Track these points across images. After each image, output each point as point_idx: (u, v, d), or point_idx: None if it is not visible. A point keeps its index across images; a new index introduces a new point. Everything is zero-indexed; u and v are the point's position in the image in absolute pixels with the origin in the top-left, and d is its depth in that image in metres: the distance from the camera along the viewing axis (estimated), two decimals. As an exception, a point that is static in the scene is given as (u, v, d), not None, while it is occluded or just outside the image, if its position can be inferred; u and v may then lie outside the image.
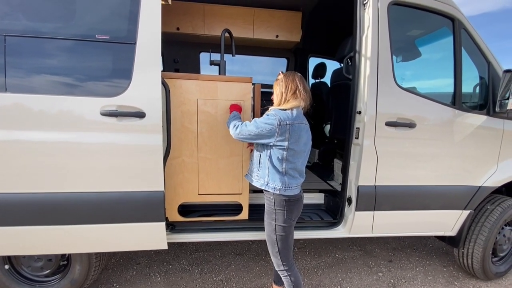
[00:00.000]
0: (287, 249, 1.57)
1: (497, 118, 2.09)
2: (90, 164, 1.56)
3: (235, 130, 1.51)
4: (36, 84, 1.48)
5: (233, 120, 1.59)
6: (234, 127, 1.52)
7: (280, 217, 1.52)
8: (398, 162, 1.95)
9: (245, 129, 1.48)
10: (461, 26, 1.97)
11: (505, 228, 2.28)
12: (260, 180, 1.53)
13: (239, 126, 1.51)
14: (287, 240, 1.55)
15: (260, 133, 1.44)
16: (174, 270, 2.35)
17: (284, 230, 1.53)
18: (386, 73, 1.84)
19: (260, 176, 1.53)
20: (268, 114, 1.47)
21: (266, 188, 1.51)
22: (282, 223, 1.52)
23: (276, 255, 1.57)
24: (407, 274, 2.41)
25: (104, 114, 1.52)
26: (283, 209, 1.51)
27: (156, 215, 1.67)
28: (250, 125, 1.48)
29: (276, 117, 1.42)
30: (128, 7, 1.53)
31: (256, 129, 1.44)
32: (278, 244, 1.54)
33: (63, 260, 1.88)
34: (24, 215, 1.55)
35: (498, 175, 2.14)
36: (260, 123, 1.44)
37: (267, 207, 1.57)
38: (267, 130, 1.42)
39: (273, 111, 1.47)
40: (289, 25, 3.18)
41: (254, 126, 1.46)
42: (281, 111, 1.46)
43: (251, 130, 1.46)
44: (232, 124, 1.55)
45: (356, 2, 1.85)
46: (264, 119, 1.45)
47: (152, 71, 1.55)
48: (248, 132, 1.47)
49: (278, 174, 1.48)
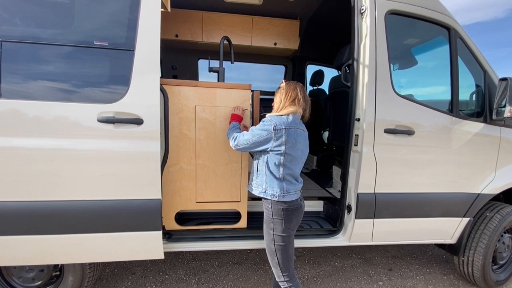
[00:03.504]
0: (287, 259, 1.53)
1: (494, 125, 2.10)
2: (85, 171, 1.52)
3: (234, 142, 1.54)
4: (33, 90, 1.46)
5: (232, 132, 1.60)
6: (233, 139, 1.55)
7: (278, 226, 1.49)
8: (398, 170, 1.95)
9: (242, 138, 1.50)
10: (457, 35, 2.00)
11: (505, 235, 2.28)
12: (259, 188, 1.51)
13: (237, 137, 1.53)
14: (286, 250, 1.51)
15: (257, 141, 1.45)
16: (171, 280, 2.30)
17: (283, 240, 1.49)
18: (384, 80, 1.85)
19: (258, 183, 1.52)
20: (264, 121, 1.48)
21: (264, 195, 1.49)
22: (281, 233, 1.49)
23: (276, 265, 1.53)
24: (407, 283, 2.38)
25: (101, 121, 1.50)
26: (281, 218, 1.48)
27: (152, 224, 1.63)
28: (246, 134, 1.50)
29: (271, 122, 1.43)
30: (128, 13, 1.53)
31: (253, 137, 1.45)
32: (278, 255, 1.51)
33: (55, 270, 1.82)
34: (15, 224, 1.51)
35: (497, 182, 2.14)
36: (256, 131, 1.46)
37: (265, 216, 1.54)
38: (263, 136, 1.43)
39: (269, 117, 1.48)
40: (287, 33, 3.22)
41: (250, 135, 1.47)
42: (277, 117, 1.47)
43: (248, 138, 1.47)
44: (231, 137, 1.57)
45: (354, 11, 1.88)
46: (259, 126, 1.47)
47: (151, 77, 1.54)
48: (246, 141, 1.48)
49: (276, 180, 1.46)
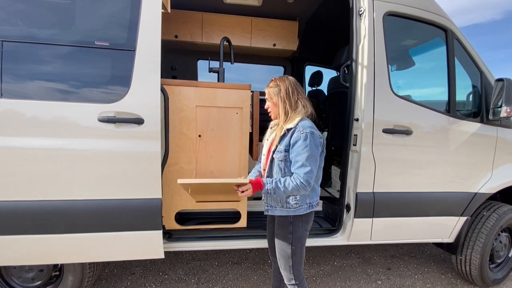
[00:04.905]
0: (301, 262, 1.48)
1: (491, 125, 2.13)
2: (85, 171, 1.53)
3: (302, 185, 1.29)
4: (33, 89, 1.46)
5: (281, 183, 1.32)
6: (296, 185, 1.29)
7: (297, 229, 1.42)
8: (396, 169, 1.96)
9: (309, 172, 1.29)
10: (453, 37, 2.03)
11: (501, 234, 2.30)
12: (299, 204, 1.39)
13: (301, 178, 1.29)
14: (301, 253, 1.47)
15: (317, 158, 1.35)
16: (170, 280, 2.30)
17: (300, 243, 1.44)
18: (382, 81, 1.87)
19: (298, 200, 1.39)
20: (305, 133, 1.31)
21: (310, 209, 1.42)
22: (299, 236, 1.43)
23: (289, 269, 1.46)
24: (406, 282, 2.40)
25: (102, 121, 1.51)
26: (301, 220, 1.42)
27: (153, 223, 1.64)
28: (306, 164, 1.29)
29: (313, 130, 1.34)
30: (128, 14, 1.54)
31: (316, 161, 1.33)
32: (293, 258, 1.44)
33: (55, 270, 1.82)
34: (15, 223, 1.51)
35: (493, 182, 2.16)
36: (313, 152, 1.30)
37: (282, 220, 1.45)
38: (318, 150, 1.35)
39: (303, 125, 1.34)
40: (286, 34, 3.24)
41: (310, 160, 1.30)
42: (309, 122, 1.38)
43: (312, 166, 1.30)
44: (290, 187, 1.30)
45: (353, 12, 1.90)
46: (309, 142, 1.30)
47: (152, 77, 1.55)
48: (314, 169, 1.32)
49: (315, 185, 1.43)
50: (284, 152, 1.37)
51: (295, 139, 1.32)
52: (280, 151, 1.38)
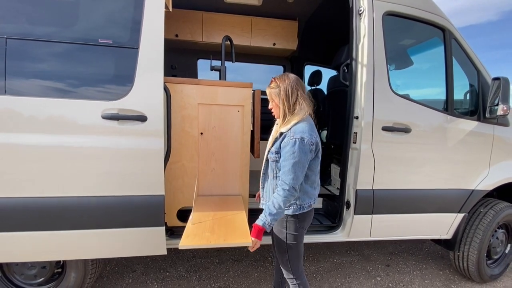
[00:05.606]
0: (298, 257, 1.50)
1: (488, 123, 2.17)
2: (89, 167, 1.54)
3: (288, 192, 1.30)
4: (37, 87, 1.47)
5: (272, 207, 1.32)
6: (284, 195, 1.30)
7: (291, 225, 1.45)
8: (395, 166, 1.99)
9: (293, 178, 1.28)
10: (451, 36, 2.06)
11: (498, 231, 2.34)
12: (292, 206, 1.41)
13: (285, 184, 1.29)
14: (297, 249, 1.49)
15: (304, 165, 1.32)
16: (171, 277, 2.31)
17: (295, 239, 1.46)
18: (381, 80, 1.90)
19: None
20: (295, 139, 1.30)
21: (299, 211, 1.42)
22: (294, 232, 1.45)
23: (286, 263, 1.50)
24: (404, 278, 2.43)
25: (105, 118, 1.52)
26: (296, 217, 1.44)
27: (156, 220, 1.65)
28: (291, 171, 1.28)
29: (304, 136, 1.30)
30: (132, 12, 1.56)
31: (302, 168, 1.30)
32: (289, 253, 1.48)
33: (57, 267, 1.83)
34: (18, 220, 1.52)
35: (490, 179, 2.20)
36: (300, 158, 1.28)
37: None
38: (307, 157, 1.32)
39: (295, 130, 1.33)
40: (286, 33, 3.26)
41: (296, 167, 1.28)
42: (304, 125, 1.34)
43: (298, 172, 1.29)
44: (281, 202, 1.31)
45: (352, 12, 1.93)
46: (297, 148, 1.28)
47: (155, 75, 1.56)
48: (300, 175, 1.31)
49: (309, 188, 1.43)
50: (275, 154, 1.40)
51: (285, 143, 1.33)
52: (273, 152, 1.42)
